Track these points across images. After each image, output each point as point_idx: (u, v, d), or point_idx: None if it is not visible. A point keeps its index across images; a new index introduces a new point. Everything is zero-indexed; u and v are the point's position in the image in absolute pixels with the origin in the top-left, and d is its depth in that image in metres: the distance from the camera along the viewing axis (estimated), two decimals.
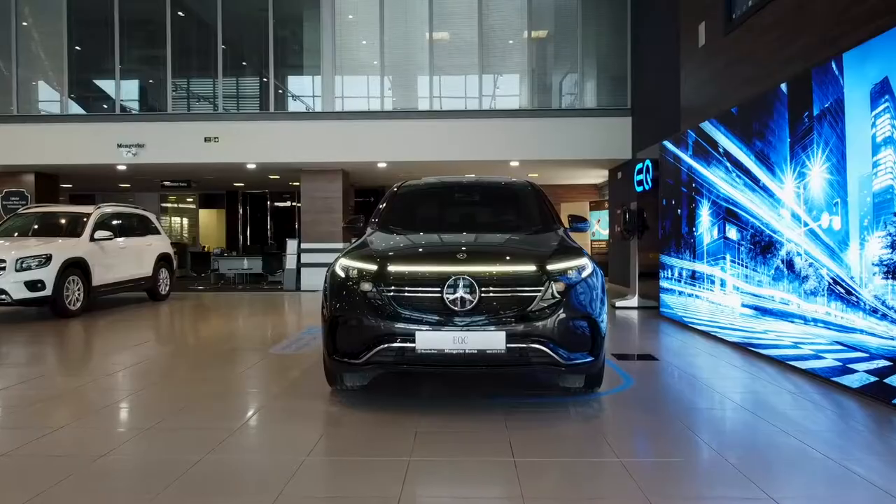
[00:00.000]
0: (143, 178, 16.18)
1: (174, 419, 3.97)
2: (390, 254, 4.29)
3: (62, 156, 13.32)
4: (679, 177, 8.07)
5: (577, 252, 4.34)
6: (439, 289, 3.92)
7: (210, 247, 20.55)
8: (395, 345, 3.90)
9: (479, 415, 4.05)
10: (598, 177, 16.63)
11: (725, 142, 6.66)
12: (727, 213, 6.65)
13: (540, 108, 13.72)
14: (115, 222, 10.63)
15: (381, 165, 13.89)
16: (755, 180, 5.98)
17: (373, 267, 4.11)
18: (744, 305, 6.24)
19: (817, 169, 4.91)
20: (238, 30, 14.27)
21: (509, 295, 3.96)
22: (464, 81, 13.94)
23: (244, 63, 14.80)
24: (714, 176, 6.96)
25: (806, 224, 5.10)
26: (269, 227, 21.42)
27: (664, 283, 8.68)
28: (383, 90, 13.88)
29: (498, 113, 13.51)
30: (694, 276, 7.57)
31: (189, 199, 22.65)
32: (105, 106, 14.15)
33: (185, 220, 23.02)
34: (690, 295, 7.70)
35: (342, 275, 4.21)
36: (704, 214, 7.24)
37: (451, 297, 3.89)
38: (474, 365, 3.95)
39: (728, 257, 6.62)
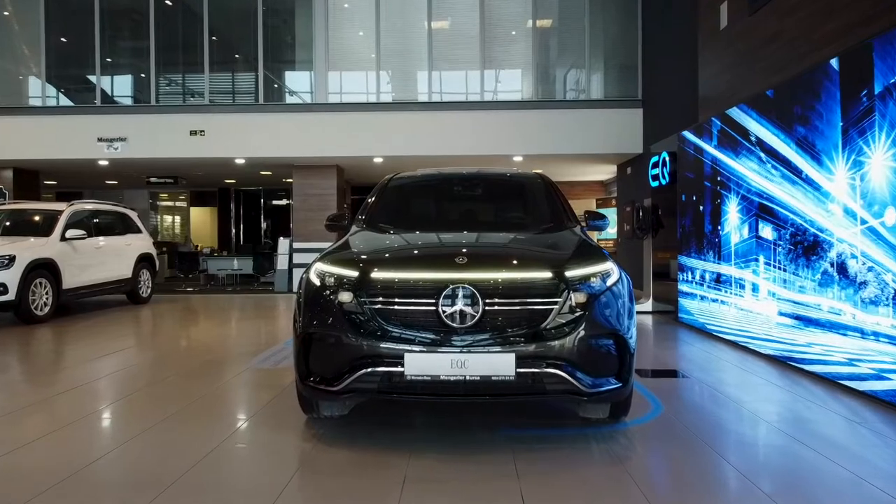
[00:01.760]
0: (127, 174, 15.46)
1: (113, 458, 3.25)
2: (375, 257, 3.57)
3: (39, 150, 12.61)
4: (701, 170, 7.34)
5: (600, 255, 3.62)
6: (434, 300, 3.19)
7: (202, 246, 19.85)
8: (379, 369, 3.19)
9: (482, 453, 3.32)
10: (606, 173, 15.89)
11: (758, 129, 5.93)
12: (760, 210, 5.91)
13: (545, 98, 12.99)
14: (91, 220, 9.91)
15: (378, 160, 13.17)
16: (796, 171, 5.25)
17: (353, 273, 3.39)
18: (782, 314, 5.51)
19: (880, 156, 4.18)
20: (225, 17, 13.55)
21: (519, 308, 3.23)
22: (464, 72, 13.20)
23: (232, 52, 14.07)
24: (744, 167, 6.23)
25: (864, 221, 4.36)
26: (262, 225, 20.71)
27: (683, 287, 7.95)
28: (379, 79, 13.14)
29: (501, 105, 12.79)
30: (719, 280, 6.84)
31: (181, 197, 21.94)
32: (85, 98, 13.43)
33: (177, 219, 22.32)
34: (715, 300, 6.97)
35: (317, 282, 3.49)
36: (732, 211, 6.51)
37: (449, 310, 3.17)
38: (477, 395, 3.23)
39: (761, 259, 5.89)
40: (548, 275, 3.31)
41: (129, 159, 12.76)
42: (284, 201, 20.63)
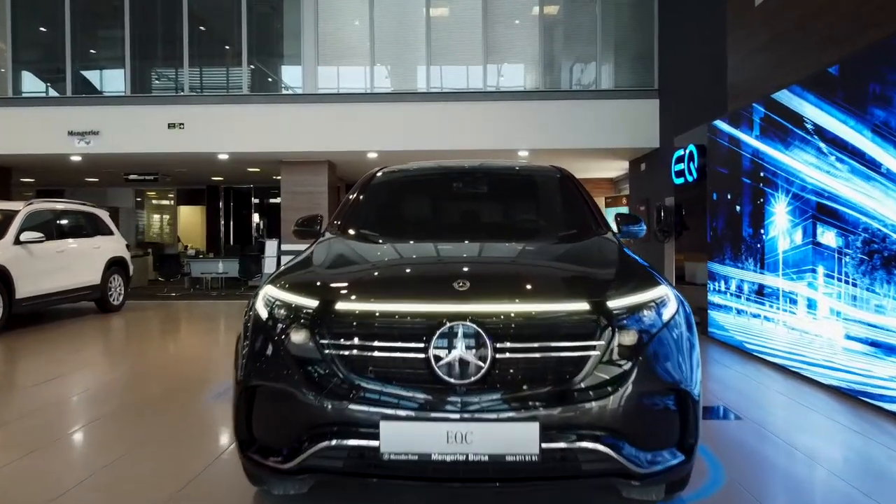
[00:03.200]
0: (105, 170, 14.49)
1: None
2: (342, 279, 2.64)
3: (6, 144, 11.64)
4: (738, 164, 6.38)
5: (649, 275, 2.67)
6: (423, 344, 2.25)
7: (192, 247, 18.91)
8: (346, 443, 2.25)
9: None
10: (616, 169, 14.94)
11: (817, 114, 4.97)
12: (819, 211, 4.96)
13: (552, 88, 12.01)
14: (53, 222, 8.97)
15: (372, 156, 12.20)
16: (872, 164, 4.29)
17: (311, 302, 2.44)
18: (850, 338, 4.56)
19: None
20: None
21: (543, 355, 2.28)
22: (466, 59, 12.22)
23: (213, 38, 13.08)
24: (796, 160, 5.27)
25: None
26: (253, 225, 19.74)
27: (714, 298, 6.99)
28: (373, 64, 12.15)
29: (505, 95, 11.83)
30: (762, 292, 5.88)
31: (170, 195, 20.97)
32: (55, 88, 12.47)
33: (165, 218, 21.35)
34: (756, 315, 6.01)
35: (264, 314, 2.54)
36: (780, 212, 5.55)
37: (445, 358, 2.23)
38: (484, 480, 2.28)
39: (820, 270, 4.93)
40: (583, 306, 2.36)
41: (103, 154, 11.80)
42: (278, 199, 19.66)
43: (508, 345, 2.25)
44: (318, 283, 2.57)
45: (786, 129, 5.44)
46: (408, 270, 2.80)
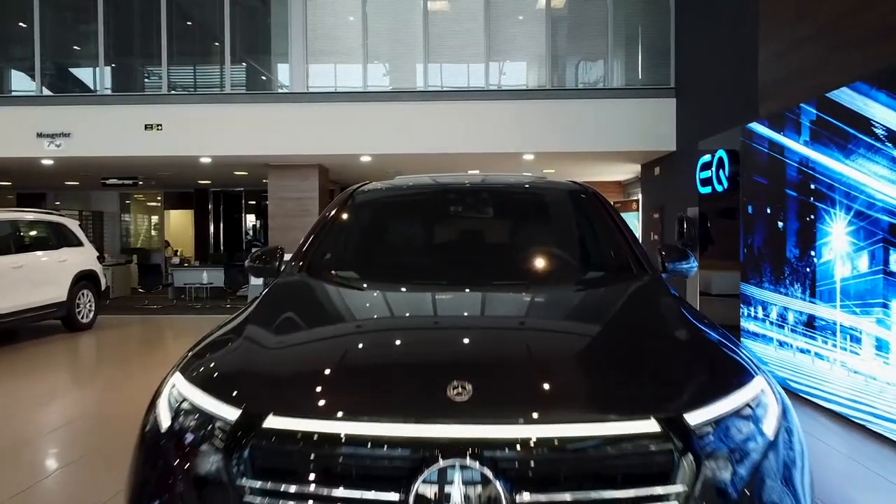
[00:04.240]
0: (80, 174, 13.63)
1: None
2: (279, 369, 1.80)
3: None
4: (781, 173, 5.53)
5: (733, 359, 1.84)
6: (401, 493, 1.41)
7: (181, 253, 18.05)
8: None
9: None
10: (627, 172, 14.07)
11: (890, 117, 4.12)
12: (892, 233, 4.11)
13: (559, 87, 11.14)
14: (12, 234, 8.15)
15: (365, 159, 11.35)
16: None
17: (230, 412, 1.60)
18: None
19: None
20: None
21: None
22: (466, 56, 11.36)
23: (194, 33, 12.21)
24: (861, 172, 4.42)
25: None
26: (244, 230, 18.88)
27: (749, 325, 6.14)
28: (367, 63, 11.27)
29: (508, 94, 10.97)
30: (812, 324, 5.04)
31: (158, 199, 20.10)
32: (21, 86, 11.62)
33: (153, 223, 20.47)
34: (805, 351, 5.16)
35: (165, 422, 1.72)
36: (837, 232, 4.70)
37: None
38: None
39: (894, 305, 4.09)
40: (648, 425, 1.51)
41: (76, 158, 10.95)
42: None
43: (530, 498, 1.41)
44: (244, 378, 1.73)
45: (846, 134, 4.59)
46: (378, 359, 1.86)
